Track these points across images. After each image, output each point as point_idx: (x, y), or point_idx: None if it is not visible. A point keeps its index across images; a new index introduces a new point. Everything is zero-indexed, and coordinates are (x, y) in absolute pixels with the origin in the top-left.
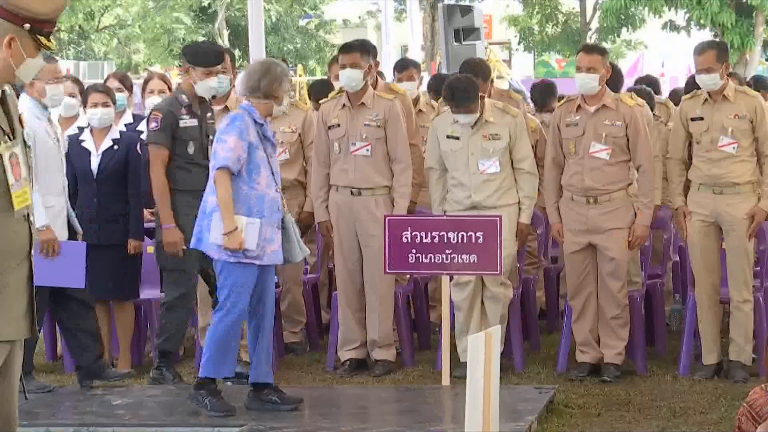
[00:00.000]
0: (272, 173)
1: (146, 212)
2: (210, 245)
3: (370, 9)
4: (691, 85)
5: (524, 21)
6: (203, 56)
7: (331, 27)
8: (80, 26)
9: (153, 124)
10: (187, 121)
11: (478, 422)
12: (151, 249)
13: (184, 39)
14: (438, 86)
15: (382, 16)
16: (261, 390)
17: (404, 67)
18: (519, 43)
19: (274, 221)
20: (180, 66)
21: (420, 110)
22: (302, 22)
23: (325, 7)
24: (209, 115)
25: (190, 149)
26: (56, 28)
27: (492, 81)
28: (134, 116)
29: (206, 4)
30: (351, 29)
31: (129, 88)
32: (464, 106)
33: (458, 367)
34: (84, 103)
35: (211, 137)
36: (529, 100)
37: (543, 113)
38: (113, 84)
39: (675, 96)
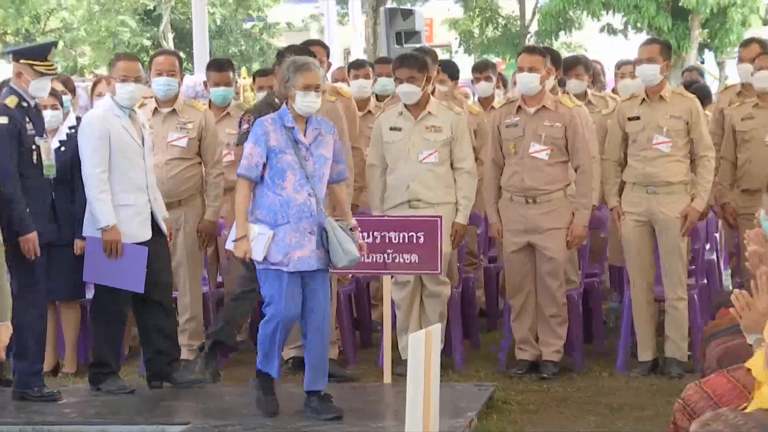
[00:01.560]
0: (306, 177)
1: None
2: None
3: (313, 13)
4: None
5: (465, 24)
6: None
7: (274, 30)
8: (26, 29)
9: (245, 126)
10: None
11: (419, 419)
12: None
13: (128, 42)
14: None
15: (325, 20)
16: (310, 396)
17: (361, 65)
18: (459, 45)
19: (304, 227)
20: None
21: (369, 111)
22: (246, 26)
23: (269, 11)
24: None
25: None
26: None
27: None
28: (77, 118)
29: (151, 8)
30: (295, 32)
31: (72, 90)
32: (408, 68)
33: (399, 364)
34: None
35: None
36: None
37: None
38: (57, 87)
39: None
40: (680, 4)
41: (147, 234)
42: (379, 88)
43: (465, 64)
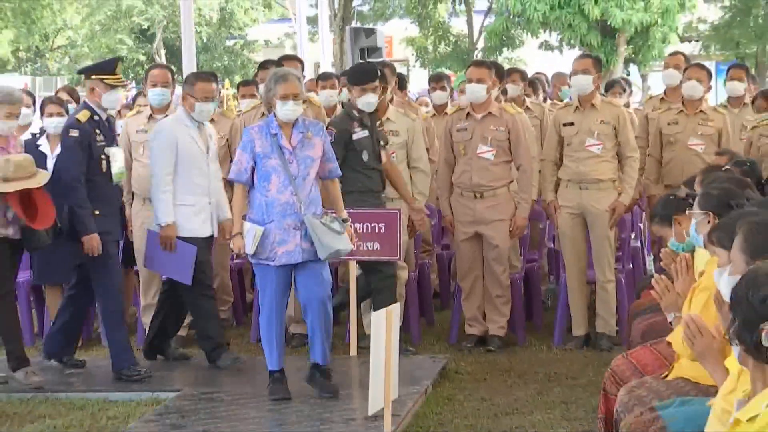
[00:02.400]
0: (289, 179)
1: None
2: None
3: (287, 31)
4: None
5: (420, 41)
6: (356, 76)
7: (254, 47)
8: (37, 46)
9: (329, 137)
10: (359, 133)
11: (381, 386)
12: None
13: (126, 57)
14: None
15: (297, 38)
16: (313, 368)
17: (328, 77)
18: (416, 60)
19: (288, 224)
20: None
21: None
22: (229, 43)
23: (248, 30)
24: (378, 123)
25: (365, 156)
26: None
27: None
28: None
29: (146, 27)
30: (271, 49)
31: (76, 100)
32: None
33: (364, 339)
34: (41, 113)
35: (382, 143)
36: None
37: None
38: (63, 96)
39: None
40: (608, 23)
41: (207, 231)
42: (344, 96)
43: (421, 76)
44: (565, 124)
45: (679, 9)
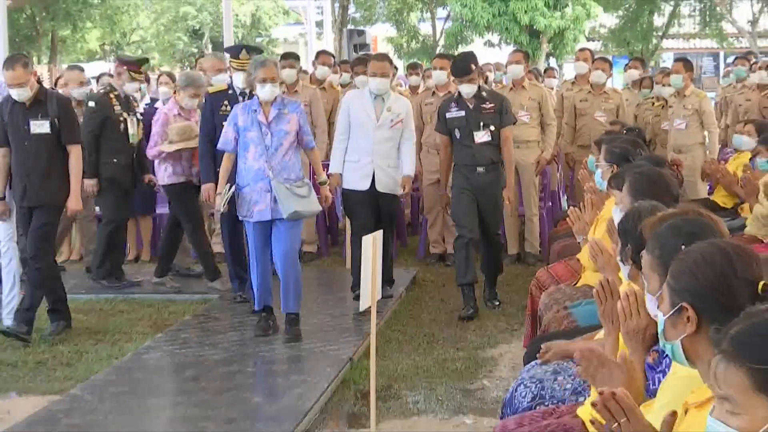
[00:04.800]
0: (264, 149)
1: None
2: None
3: (301, 32)
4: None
5: (397, 40)
6: (454, 69)
7: (276, 43)
8: (117, 41)
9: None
10: (453, 113)
11: (368, 290)
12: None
13: (183, 51)
14: None
15: (308, 36)
16: (287, 316)
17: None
18: (394, 54)
19: (260, 187)
20: (182, 68)
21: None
22: (258, 40)
23: (272, 30)
24: (482, 106)
25: (456, 134)
26: (102, 44)
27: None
28: (151, 99)
29: (197, 28)
30: (289, 45)
31: (146, 80)
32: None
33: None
34: (157, 84)
35: (482, 123)
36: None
37: None
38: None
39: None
40: (534, 27)
41: (365, 186)
42: (344, 79)
43: (397, 66)
44: None
45: (586, 17)
